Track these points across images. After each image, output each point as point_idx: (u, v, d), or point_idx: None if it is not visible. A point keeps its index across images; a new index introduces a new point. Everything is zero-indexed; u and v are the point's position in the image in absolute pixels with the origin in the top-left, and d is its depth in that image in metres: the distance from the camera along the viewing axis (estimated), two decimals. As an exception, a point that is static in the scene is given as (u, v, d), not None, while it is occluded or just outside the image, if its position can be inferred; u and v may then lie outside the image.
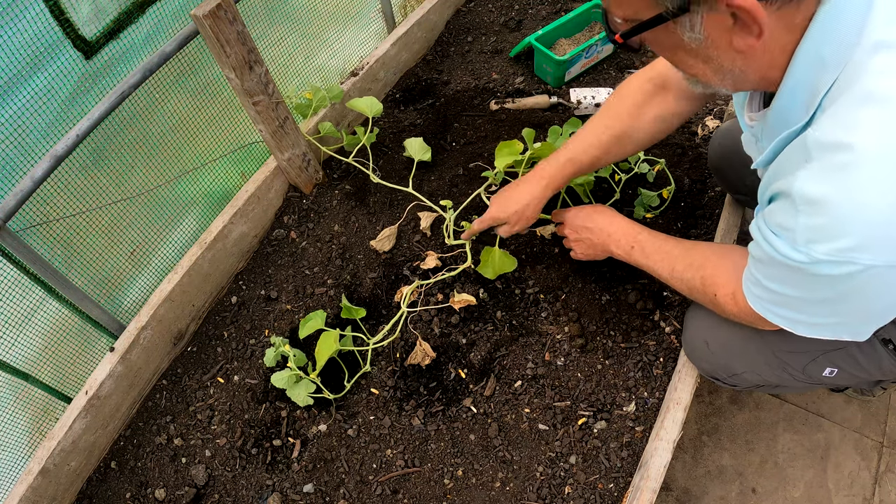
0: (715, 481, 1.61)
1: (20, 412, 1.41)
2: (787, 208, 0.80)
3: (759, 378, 1.23)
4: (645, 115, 1.31)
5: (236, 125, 1.76)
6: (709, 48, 0.76)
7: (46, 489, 1.36)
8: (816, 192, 0.74)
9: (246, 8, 1.61)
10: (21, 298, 1.33)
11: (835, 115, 0.74)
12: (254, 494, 1.39)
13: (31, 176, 1.20)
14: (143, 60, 1.37)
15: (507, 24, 2.31)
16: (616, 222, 1.35)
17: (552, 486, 1.32)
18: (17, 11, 1.14)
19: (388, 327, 1.49)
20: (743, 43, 0.73)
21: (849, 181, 0.71)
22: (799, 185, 0.77)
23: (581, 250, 1.44)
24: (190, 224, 1.73)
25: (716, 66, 0.80)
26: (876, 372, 1.13)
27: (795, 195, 0.77)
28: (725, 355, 1.24)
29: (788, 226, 0.80)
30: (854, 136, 0.71)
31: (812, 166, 0.76)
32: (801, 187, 0.76)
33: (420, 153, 1.78)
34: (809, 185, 0.75)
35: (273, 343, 1.46)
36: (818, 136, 0.75)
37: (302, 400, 1.41)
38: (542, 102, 1.97)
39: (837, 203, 0.73)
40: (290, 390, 1.41)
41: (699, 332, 1.29)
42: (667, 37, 0.78)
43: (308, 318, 1.47)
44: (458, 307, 1.53)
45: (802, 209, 0.77)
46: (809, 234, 0.77)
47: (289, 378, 1.41)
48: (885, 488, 1.57)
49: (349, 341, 1.48)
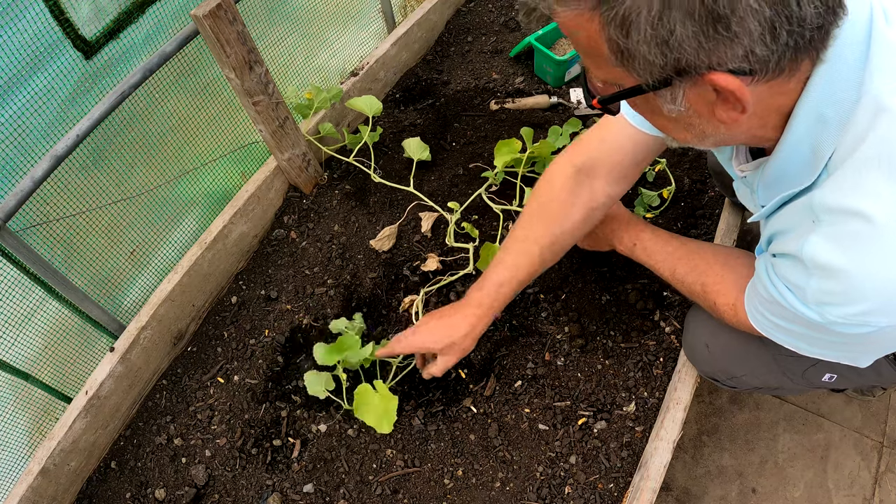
0: (715, 481, 1.61)
1: (20, 412, 1.41)
2: (798, 269, 0.79)
3: (759, 381, 1.23)
4: (573, 217, 1.22)
5: (236, 125, 1.76)
6: (691, 117, 0.73)
7: (46, 489, 1.36)
8: (829, 260, 0.73)
9: (246, 8, 1.61)
10: (21, 298, 1.33)
11: (843, 178, 0.72)
12: (254, 494, 1.39)
13: (31, 176, 1.20)
14: (143, 60, 1.37)
15: (507, 24, 2.31)
16: (621, 217, 1.33)
17: (552, 486, 1.32)
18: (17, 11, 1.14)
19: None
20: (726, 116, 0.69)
21: (863, 250, 0.70)
22: (810, 249, 0.75)
23: (586, 241, 1.43)
24: (190, 224, 1.73)
25: (697, 133, 0.76)
26: (875, 379, 1.13)
27: (806, 259, 0.76)
28: (726, 359, 1.24)
29: (799, 284, 0.79)
30: (866, 204, 0.69)
31: (822, 231, 0.74)
32: (812, 252, 0.75)
33: (418, 152, 1.78)
34: (821, 251, 0.74)
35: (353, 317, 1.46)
36: (827, 200, 0.74)
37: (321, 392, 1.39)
38: (542, 102, 1.97)
39: (853, 273, 0.72)
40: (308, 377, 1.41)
41: (700, 335, 1.28)
42: (646, 104, 0.74)
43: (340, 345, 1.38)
44: None
45: (815, 273, 0.76)
46: (822, 296, 0.77)
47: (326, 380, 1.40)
48: (885, 488, 1.57)
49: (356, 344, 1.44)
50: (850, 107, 0.70)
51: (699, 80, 0.65)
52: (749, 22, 0.60)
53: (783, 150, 0.77)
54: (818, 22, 0.63)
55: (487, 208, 1.68)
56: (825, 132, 0.72)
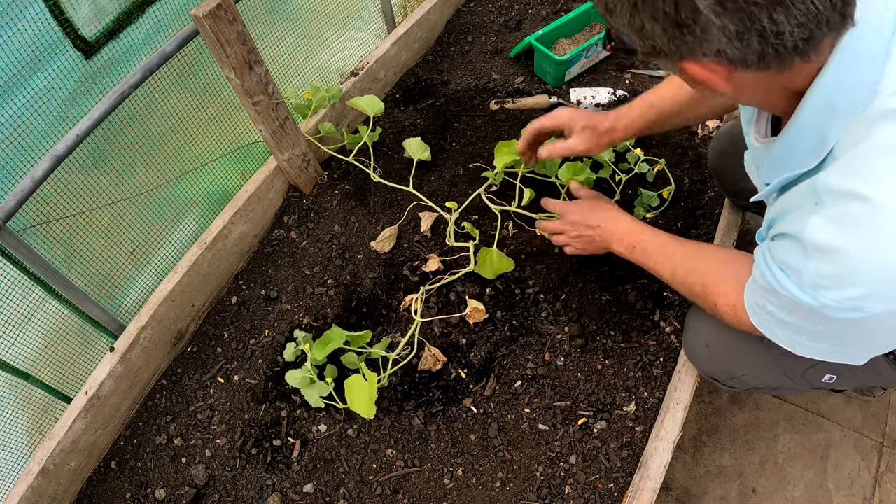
0: (715, 481, 1.61)
1: (20, 412, 1.41)
2: (796, 250, 0.79)
3: (759, 381, 1.23)
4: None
5: (236, 125, 1.76)
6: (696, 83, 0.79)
7: (46, 489, 1.36)
8: (828, 241, 0.74)
9: (246, 8, 1.61)
10: (21, 298, 1.33)
11: (848, 163, 0.73)
12: (254, 494, 1.39)
13: (31, 176, 1.20)
14: (143, 60, 1.37)
15: (507, 24, 2.30)
16: (618, 219, 1.33)
17: (552, 486, 1.32)
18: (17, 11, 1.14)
19: (405, 340, 1.48)
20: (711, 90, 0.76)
21: (862, 232, 0.71)
22: (810, 231, 0.76)
23: (580, 246, 1.40)
24: (190, 224, 1.73)
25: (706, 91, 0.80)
26: (874, 378, 1.13)
27: (806, 241, 0.77)
28: (726, 359, 1.24)
29: (796, 266, 0.80)
30: (870, 187, 0.70)
31: (824, 213, 0.75)
32: (812, 234, 0.75)
33: (419, 152, 1.78)
34: (821, 231, 0.75)
35: (296, 337, 1.46)
36: (830, 182, 0.74)
37: (315, 402, 1.40)
38: (542, 102, 1.97)
39: (850, 254, 0.72)
40: (305, 390, 1.41)
41: (700, 335, 1.28)
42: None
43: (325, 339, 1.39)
44: (472, 321, 1.53)
45: (812, 255, 0.76)
46: (817, 279, 0.77)
47: (303, 379, 1.40)
48: (885, 488, 1.57)
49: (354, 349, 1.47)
50: (864, 99, 0.71)
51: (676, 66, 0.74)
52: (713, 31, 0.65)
53: (791, 132, 0.79)
54: (802, 34, 0.65)
55: (487, 208, 1.68)
56: (834, 119, 0.73)
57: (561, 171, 1.59)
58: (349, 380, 1.32)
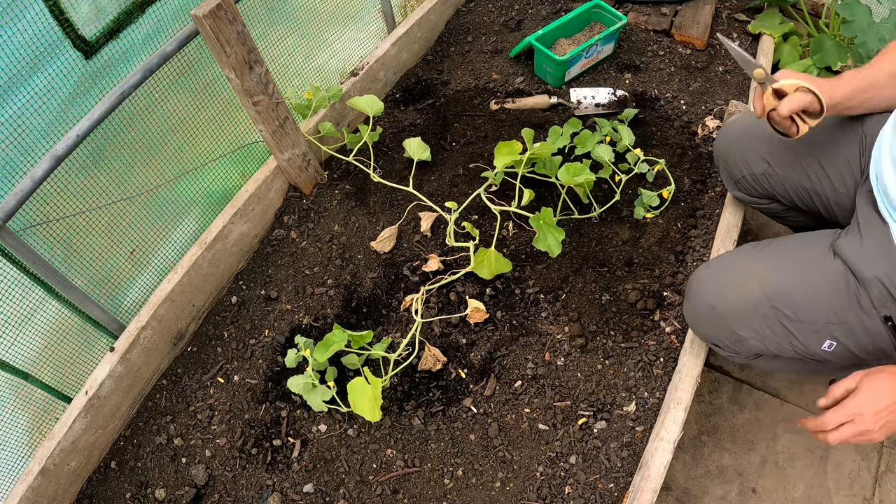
0: (715, 481, 1.61)
1: (20, 412, 1.41)
2: None
3: (761, 345, 1.23)
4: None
5: (236, 125, 1.76)
6: None
7: (46, 489, 1.36)
8: None
9: (246, 8, 1.61)
10: (21, 298, 1.33)
11: None
12: (254, 494, 1.39)
13: (31, 176, 1.20)
14: (143, 60, 1.37)
15: (507, 24, 2.31)
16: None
17: (552, 486, 1.32)
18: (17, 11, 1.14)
19: (406, 341, 1.48)
20: None
21: None
22: None
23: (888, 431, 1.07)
24: (190, 224, 1.73)
25: None
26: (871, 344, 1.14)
27: None
28: (732, 319, 1.23)
29: None
30: None
31: None
32: None
33: (419, 152, 1.78)
34: None
35: (297, 343, 1.46)
36: None
37: (317, 406, 1.40)
38: (542, 102, 1.97)
39: None
40: (307, 395, 1.41)
41: (705, 297, 1.27)
42: None
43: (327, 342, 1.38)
44: (473, 321, 1.53)
45: None
46: None
47: (305, 385, 1.40)
48: (885, 488, 1.57)
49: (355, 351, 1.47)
50: None
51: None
52: None
53: None
54: None
55: (487, 208, 1.68)
56: None
57: (561, 171, 1.59)
58: (352, 383, 1.32)
